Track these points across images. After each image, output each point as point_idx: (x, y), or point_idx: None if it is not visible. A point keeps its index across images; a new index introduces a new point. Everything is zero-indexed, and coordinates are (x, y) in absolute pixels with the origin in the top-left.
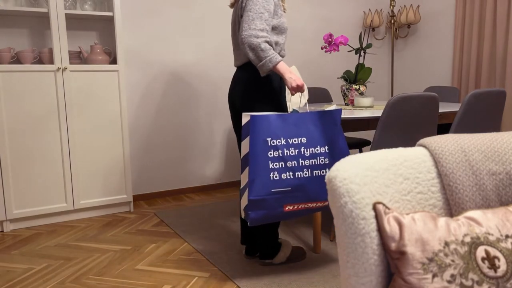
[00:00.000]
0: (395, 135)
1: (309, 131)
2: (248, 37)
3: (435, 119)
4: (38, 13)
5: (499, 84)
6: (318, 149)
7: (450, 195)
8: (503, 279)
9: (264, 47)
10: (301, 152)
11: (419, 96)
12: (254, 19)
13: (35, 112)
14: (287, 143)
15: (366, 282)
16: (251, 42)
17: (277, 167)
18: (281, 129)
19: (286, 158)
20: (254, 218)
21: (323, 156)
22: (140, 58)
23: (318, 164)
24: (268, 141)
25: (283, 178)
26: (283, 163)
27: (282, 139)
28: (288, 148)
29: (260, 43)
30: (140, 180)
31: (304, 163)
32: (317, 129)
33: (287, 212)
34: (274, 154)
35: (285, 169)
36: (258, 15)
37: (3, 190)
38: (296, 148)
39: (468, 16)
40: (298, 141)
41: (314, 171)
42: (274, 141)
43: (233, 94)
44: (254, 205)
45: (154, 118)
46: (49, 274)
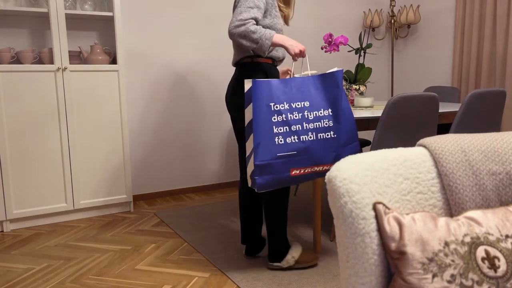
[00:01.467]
0: (395, 135)
1: (311, 94)
2: (235, 28)
3: (435, 119)
4: (38, 13)
5: (499, 84)
6: (321, 112)
7: (450, 195)
8: (503, 279)
9: (254, 28)
10: (304, 116)
11: (419, 96)
12: (241, 12)
13: (35, 112)
14: (290, 107)
15: (366, 282)
16: (239, 30)
17: (281, 131)
18: (283, 93)
19: (290, 122)
20: (261, 183)
21: (327, 119)
22: (140, 58)
23: (323, 127)
24: (271, 106)
25: (288, 142)
26: (287, 127)
27: (285, 104)
28: (291, 112)
29: (248, 27)
30: (140, 180)
31: (308, 126)
32: (319, 92)
33: (294, 177)
34: (278, 118)
35: (290, 133)
36: (246, 9)
37: (3, 190)
38: (300, 112)
39: (468, 16)
40: (301, 105)
41: (319, 134)
42: (278, 106)
43: (226, 95)
44: (260, 170)
45: (154, 118)
46: (49, 274)
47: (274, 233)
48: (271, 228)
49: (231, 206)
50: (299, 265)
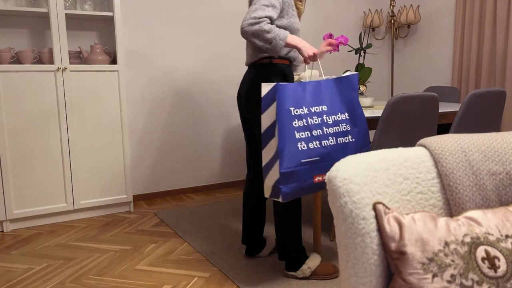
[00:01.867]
0: (395, 135)
1: (328, 98)
2: (248, 26)
3: (435, 119)
4: (38, 13)
5: (499, 84)
6: (339, 116)
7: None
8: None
9: (268, 28)
10: (324, 120)
11: (419, 96)
12: (256, 10)
13: (35, 112)
14: (309, 111)
15: (366, 282)
16: (252, 29)
17: (303, 136)
18: (302, 98)
19: (311, 127)
20: (287, 192)
21: (345, 123)
22: (140, 58)
23: (341, 131)
24: (291, 111)
25: (311, 147)
26: (308, 132)
27: (305, 108)
28: (311, 117)
29: (262, 26)
30: (140, 180)
31: (328, 131)
32: (335, 96)
33: (317, 183)
34: (299, 123)
35: (311, 138)
36: (261, 7)
37: (3, 190)
38: (319, 116)
39: (468, 16)
40: (319, 109)
41: (339, 138)
42: (298, 110)
43: (239, 94)
44: (286, 179)
45: (154, 118)
46: (49, 274)
47: (289, 242)
48: (284, 237)
49: (231, 206)
50: (315, 277)
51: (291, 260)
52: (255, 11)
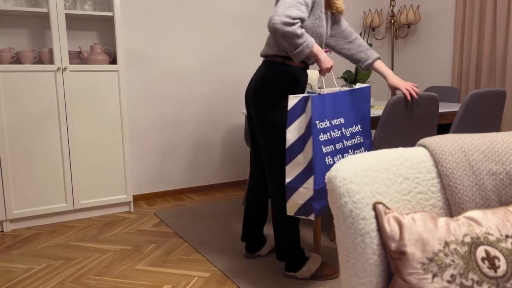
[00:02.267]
0: (395, 135)
1: (344, 111)
2: (282, 25)
3: (435, 119)
4: (38, 13)
5: (499, 84)
6: (354, 128)
7: (450, 195)
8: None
9: (300, 32)
10: (343, 133)
11: (419, 96)
12: (290, 6)
13: (35, 112)
14: (331, 124)
15: (366, 282)
16: (285, 29)
17: (329, 151)
18: (323, 110)
19: (334, 141)
20: (319, 209)
21: (359, 135)
22: (140, 58)
23: (357, 143)
24: (317, 124)
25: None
26: (332, 146)
27: (327, 121)
28: (333, 130)
29: (295, 30)
30: (140, 180)
31: (347, 143)
32: (350, 108)
33: None
34: (324, 137)
35: (335, 152)
36: (296, 4)
37: (3, 190)
38: (338, 129)
39: (468, 16)
40: (338, 122)
41: (355, 150)
42: (322, 124)
43: (248, 88)
44: (318, 195)
45: (154, 118)
46: (49, 274)
47: (287, 243)
48: (282, 238)
49: (231, 206)
50: (316, 278)
51: (290, 261)
52: (289, 8)
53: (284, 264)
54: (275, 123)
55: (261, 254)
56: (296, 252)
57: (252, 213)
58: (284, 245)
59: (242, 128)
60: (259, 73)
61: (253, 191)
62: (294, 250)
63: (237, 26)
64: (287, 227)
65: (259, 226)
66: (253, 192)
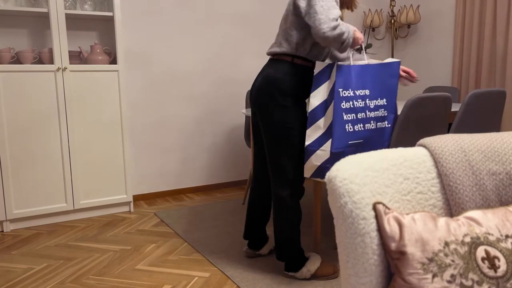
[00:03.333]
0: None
1: (371, 83)
2: (331, 31)
3: (446, 119)
4: (38, 13)
5: (499, 84)
6: (379, 101)
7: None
8: (503, 279)
9: (345, 28)
10: (366, 104)
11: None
12: (329, 8)
13: (35, 112)
14: (354, 94)
15: (366, 282)
16: (334, 33)
17: (350, 118)
18: (348, 80)
19: (357, 110)
20: None
21: (383, 109)
22: (140, 58)
23: (380, 116)
24: (340, 92)
25: (356, 130)
26: (354, 115)
27: (351, 90)
28: (356, 100)
29: (342, 29)
30: (140, 180)
31: (370, 114)
32: (377, 81)
33: None
34: (346, 105)
35: (357, 121)
36: (332, 3)
37: (3, 190)
38: (363, 99)
39: (468, 16)
40: (363, 92)
41: (378, 123)
42: (345, 92)
43: (253, 87)
44: (335, 159)
45: (154, 118)
46: (49, 274)
47: (286, 243)
48: (282, 238)
49: (231, 206)
50: (316, 279)
51: (290, 261)
52: (329, 10)
53: (284, 264)
54: (279, 122)
55: (262, 253)
56: (296, 252)
57: (256, 212)
58: (284, 245)
59: (242, 128)
60: (265, 71)
61: (257, 192)
62: (294, 250)
63: (237, 26)
64: (288, 227)
65: (262, 225)
66: (257, 193)
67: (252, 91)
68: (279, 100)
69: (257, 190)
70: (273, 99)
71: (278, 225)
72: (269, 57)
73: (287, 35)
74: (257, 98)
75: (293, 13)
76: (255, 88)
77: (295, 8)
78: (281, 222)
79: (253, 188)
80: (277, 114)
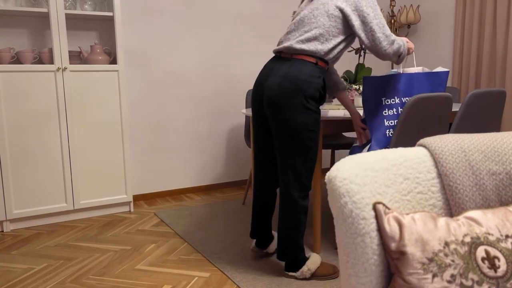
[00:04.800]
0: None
1: (418, 91)
2: (390, 47)
3: (447, 119)
4: (38, 13)
5: (499, 84)
6: None
7: (450, 195)
8: (503, 279)
9: (400, 42)
10: None
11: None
12: (384, 25)
13: (35, 112)
14: (400, 101)
15: (366, 282)
16: (394, 48)
17: (392, 124)
18: (394, 88)
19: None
20: None
21: None
22: (140, 58)
23: None
24: (383, 101)
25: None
26: (396, 121)
27: (396, 98)
28: (401, 107)
29: (399, 42)
30: (140, 180)
31: None
32: (425, 89)
33: None
34: (389, 112)
35: None
36: (381, 16)
37: (3, 190)
38: None
39: (468, 16)
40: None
41: None
42: (389, 100)
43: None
44: None
45: (154, 118)
46: (49, 274)
47: (291, 244)
48: (288, 239)
49: (231, 206)
50: (316, 278)
51: (291, 261)
52: (384, 27)
53: (284, 264)
54: (302, 125)
55: (269, 251)
56: (298, 252)
57: (261, 211)
58: (289, 244)
59: (242, 128)
60: (286, 71)
61: (261, 192)
62: (298, 250)
63: (237, 26)
64: (296, 227)
65: (268, 222)
66: (261, 193)
67: (267, 90)
68: (304, 102)
69: (260, 189)
70: (299, 101)
71: (285, 225)
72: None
73: (322, 37)
74: (276, 98)
75: (338, 19)
76: (274, 87)
77: (343, 16)
78: (289, 222)
79: (257, 189)
80: (301, 117)
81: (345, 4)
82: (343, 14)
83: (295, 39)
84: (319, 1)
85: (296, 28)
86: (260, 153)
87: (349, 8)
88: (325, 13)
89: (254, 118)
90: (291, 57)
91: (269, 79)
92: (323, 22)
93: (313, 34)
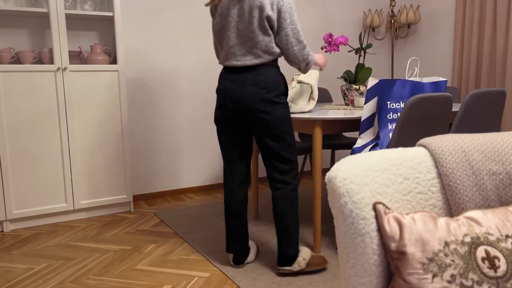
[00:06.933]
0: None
1: None
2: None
3: (447, 119)
4: (38, 13)
5: (499, 84)
6: None
7: (450, 195)
8: (503, 279)
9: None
10: None
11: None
12: (299, 31)
13: (35, 112)
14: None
15: (366, 282)
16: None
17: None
18: (401, 94)
19: None
20: None
21: None
22: (140, 58)
23: None
24: (388, 104)
25: None
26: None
27: (401, 103)
28: None
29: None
30: (140, 180)
31: None
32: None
33: None
34: (393, 116)
35: None
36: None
37: (3, 190)
38: None
39: (468, 16)
40: None
41: None
42: (394, 104)
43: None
44: None
45: (154, 118)
46: (49, 274)
47: (288, 239)
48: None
49: None
50: (309, 268)
51: (289, 255)
52: (299, 33)
53: (277, 260)
54: (284, 118)
55: (250, 261)
56: (295, 246)
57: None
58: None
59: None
60: (253, 79)
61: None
62: (293, 243)
63: None
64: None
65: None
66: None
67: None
68: (278, 100)
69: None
70: (274, 100)
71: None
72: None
73: (267, 48)
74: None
75: (268, 27)
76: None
77: (269, 22)
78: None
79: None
80: (280, 112)
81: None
82: (271, 21)
83: (244, 55)
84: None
85: (240, 43)
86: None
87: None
88: (256, 24)
89: (224, 126)
90: (251, 67)
91: (239, 90)
92: (257, 33)
93: (256, 46)
